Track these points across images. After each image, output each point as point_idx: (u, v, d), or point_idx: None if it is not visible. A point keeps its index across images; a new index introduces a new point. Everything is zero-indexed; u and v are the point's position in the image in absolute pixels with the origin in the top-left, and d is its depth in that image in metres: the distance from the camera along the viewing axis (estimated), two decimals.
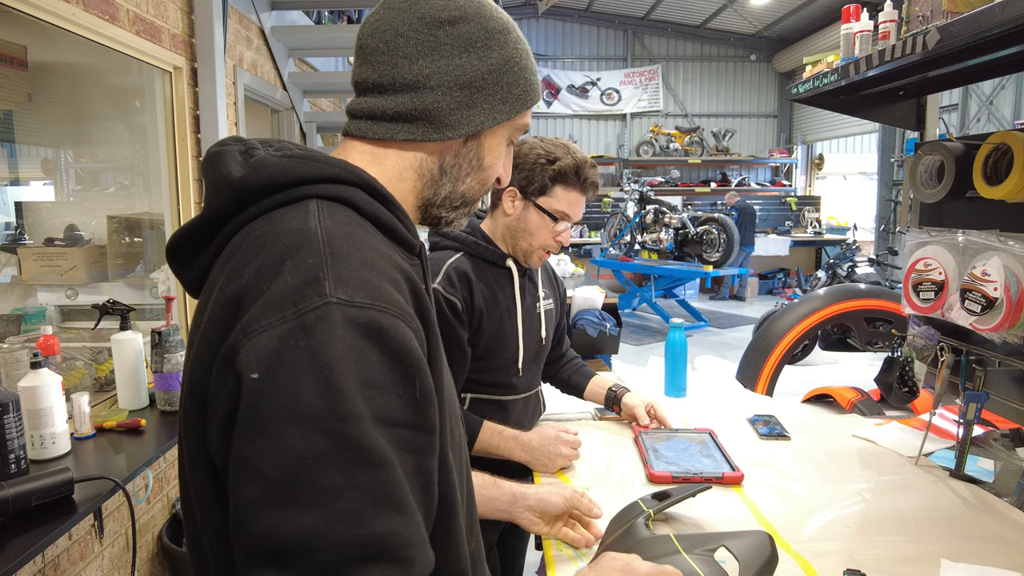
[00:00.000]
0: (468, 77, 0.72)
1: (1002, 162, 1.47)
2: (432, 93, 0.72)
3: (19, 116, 2.89)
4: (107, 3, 2.15)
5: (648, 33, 12.78)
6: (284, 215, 0.63)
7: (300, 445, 0.52)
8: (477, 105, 0.74)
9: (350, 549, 0.51)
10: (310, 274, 0.57)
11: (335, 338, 0.54)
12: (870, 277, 7.30)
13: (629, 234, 9.04)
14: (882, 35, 1.59)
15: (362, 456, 0.53)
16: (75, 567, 1.99)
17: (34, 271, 2.68)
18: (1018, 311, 1.42)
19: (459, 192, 0.78)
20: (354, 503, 0.52)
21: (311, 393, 0.53)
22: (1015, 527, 1.26)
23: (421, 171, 0.75)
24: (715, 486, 1.41)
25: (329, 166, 0.67)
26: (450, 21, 0.72)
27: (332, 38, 4.06)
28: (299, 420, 0.52)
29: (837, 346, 5.35)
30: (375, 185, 0.69)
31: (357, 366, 0.54)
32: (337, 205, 0.65)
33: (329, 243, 0.59)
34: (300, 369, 0.53)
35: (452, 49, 0.72)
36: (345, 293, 0.56)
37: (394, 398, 0.56)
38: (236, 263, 0.62)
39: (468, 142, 0.76)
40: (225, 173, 0.66)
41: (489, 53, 0.73)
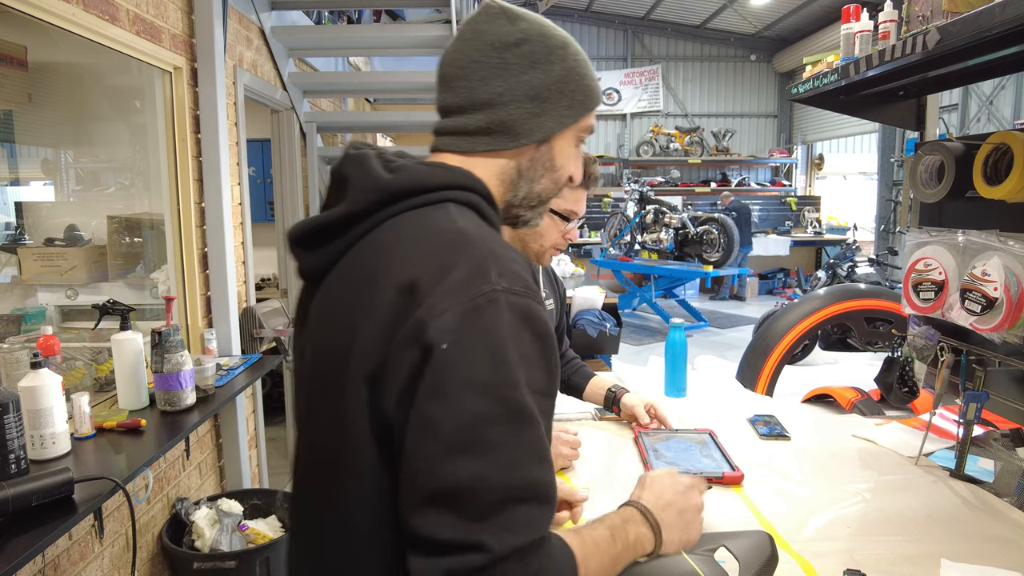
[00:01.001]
0: (535, 90, 0.82)
1: (1002, 162, 1.47)
2: (506, 108, 0.82)
3: (19, 116, 2.89)
4: (107, 3, 2.15)
5: (648, 33, 12.78)
6: (430, 215, 0.76)
7: (475, 407, 0.64)
8: (545, 113, 0.83)
9: (511, 491, 0.64)
10: (479, 266, 0.69)
11: (502, 319, 0.67)
12: (870, 277, 7.30)
13: (629, 234, 9.04)
14: (882, 35, 1.59)
15: (521, 416, 0.66)
16: (75, 567, 1.99)
17: (34, 271, 2.68)
18: (1018, 311, 1.42)
19: (535, 192, 0.87)
20: (515, 454, 0.65)
21: (485, 364, 0.65)
22: (1015, 527, 1.26)
23: (502, 176, 0.85)
24: (715, 486, 1.41)
25: (461, 175, 0.80)
26: (515, 43, 0.82)
27: (332, 38, 4.06)
28: (475, 386, 0.64)
29: (837, 346, 5.35)
30: (490, 194, 0.82)
31: (516, 343, 0.67)
32: (468, 210, 0.78)
33: (481, 241, 0.72)
34: (477, 343, 0.65)
35: (519, 67, 0.82)
36: (507, 282, 0.68)
37: (539, 370, 0.69)
38: (397, 254, 0.73)
39: (540, 147, 0.85)
40: (376, 174, 0.78)
41: (551, 67, 0.83)
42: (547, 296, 1.70)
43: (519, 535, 0.63)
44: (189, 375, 2.08)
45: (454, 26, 3.56)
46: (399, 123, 4.90)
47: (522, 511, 0.64)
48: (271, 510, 2.73)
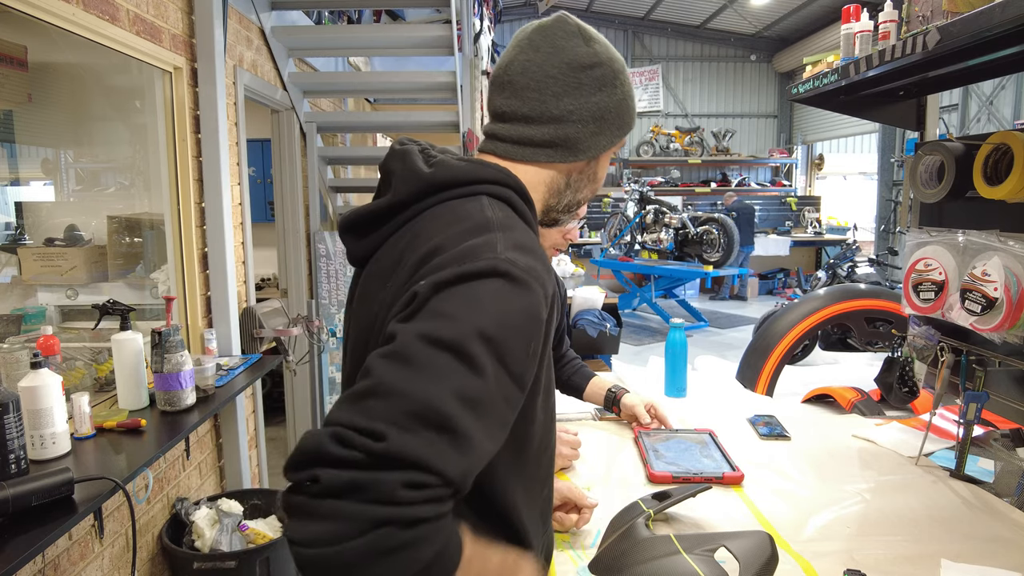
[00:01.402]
0: (601, 111, 0.89)
1: (1002, 162, 1.47)
2: (573, 126, 0.88)
3: (19, 116, 2.89)
4: (107, 3, 2.15)
5: (648, 33, 12.78)
6: (464, 205, 0.80)
7: (430, 328, 0.66)
8: (603, 132, 0.90)
9: (429, 413, 0.62)
10: (489, 241, 0.73)
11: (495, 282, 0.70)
12: (870, 277, 7.30)
13: (629, 234, 9.04)
14: (882, 35, 1.58)
15: (469, 360, 0.65)
16: (75, 567, 1.99)
17: (34, 271, 2.68)
18: (1018, 311, 1.42)
19: (577, 200, 0.95)
20: (447, 387, 0.63)
21: (459, 306, 0.67)
22: (1015, 527, 1.26)
23: (551, 185, 0.92)
24: (715, 486, 1.41)
25: (496, 171, 0.84)
26: (590, 66, 0.88)
27: (332, 38, 4.06)
28: (441, 316, 0.67)
29: (837, 346, 5.35)
30: (525, 190, 0.86)
31: (502, 307, 0.69)
32: (499, 202, 0.82)
33: (503, 229, 0.76)
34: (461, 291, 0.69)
35: (590, 89, 0.88)
36: (512, 255, 0.72)
37: (516, 347, 0.69)
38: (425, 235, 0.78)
39: (591, 162, 0.93)
40: (418, 168, 0.84)
41: (615, 91, 0.90)
42: None
43: (419, 451, 0.60)
44: (189, 375, 2.08)
45: (454, 26, 3.56)
46: (399, 123, 4.89)
47: (433, 438, 0.61)
48: (271, 510, 2.73)
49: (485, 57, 5.25)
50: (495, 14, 6.81)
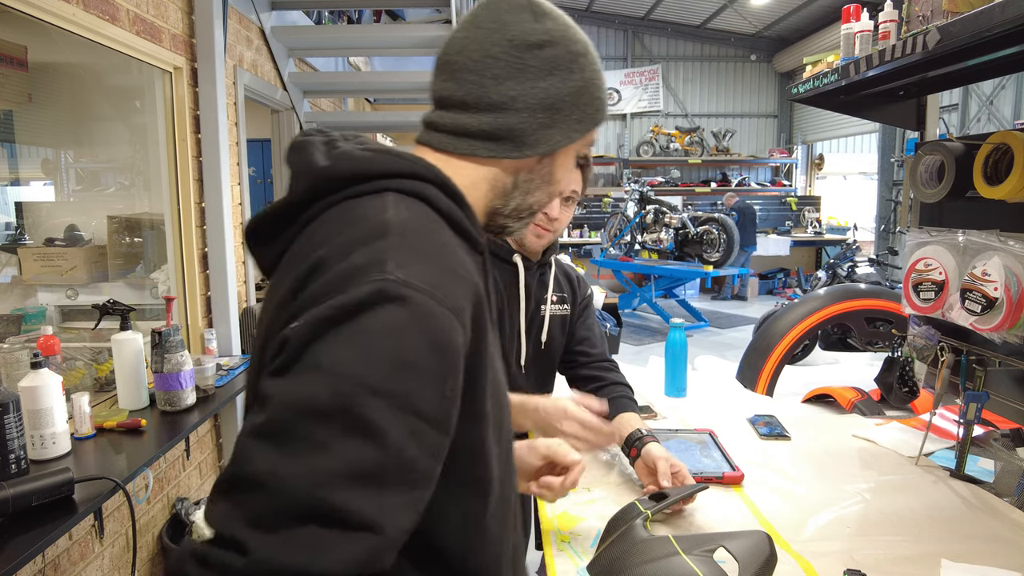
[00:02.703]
0: (551, 99, 0.75)
1: (1002, 162, 1.47)
2: (517, 114, 0.74)
3: (19, 116, 2.89)
4: (107, 3, 2.15)
5: (648, 33, 12.78)
6: (364, 204, 0.66)
7: (305, 392, 0.54)
8: (556, 125, 0.76)
9: (307, 506, 0.51)
10: (376, 257, 0.59)
11: (384, 312, 0.56)
12: (870, 277, 7.29)
13: (629, 234, 9.04)
14: (882, 35, 1.59)
15: (361, 427, 0.53)
16: (75, 567, 1.99)
17: (34, 271, 2.68)
18: (1018, 311, 1.42)
19: (527, 204, 0.81)
20: (330, 466, 0.52)
21: (341, 354, 0.55)
22: (1015, 527, 1.26)
23: (494, 184, 0.78)
24: (715, 486, 1.41)
25: (409, 162, 0.70)
26: (539, 45, 0.74)
27: (332, 38, 4.06)
28: (319, 373, 0.54)
29: (837, 346, 5.35)
30: (449, 183, 0.71)
31: (396, 344, 0.56)
32: (413, 199, 0.68)
33: (402, 233, 0.62)
34: (343, 332, 0.55)
35: (538, 72, 0.74)
36: (405, 275, 0.58)
37: (426, 387, 0.57)
38: (316, 241, 0.65)
39: (543, 159, 0.79)
40: (311, 161, 0.70)
41: (571, 76, 0.76)
42: (559, 300, 1.65)
43: (295, 557, 0.50)
44: (189, 375, 2.08)
45: (454, 26, 3.56)
46: (399, 123, 4.90)
47: (314, 534, 0.51)
48: None
49: None
50: None
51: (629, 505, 1.21)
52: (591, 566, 1.10)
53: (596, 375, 1.63)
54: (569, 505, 1.36)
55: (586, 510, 1.34)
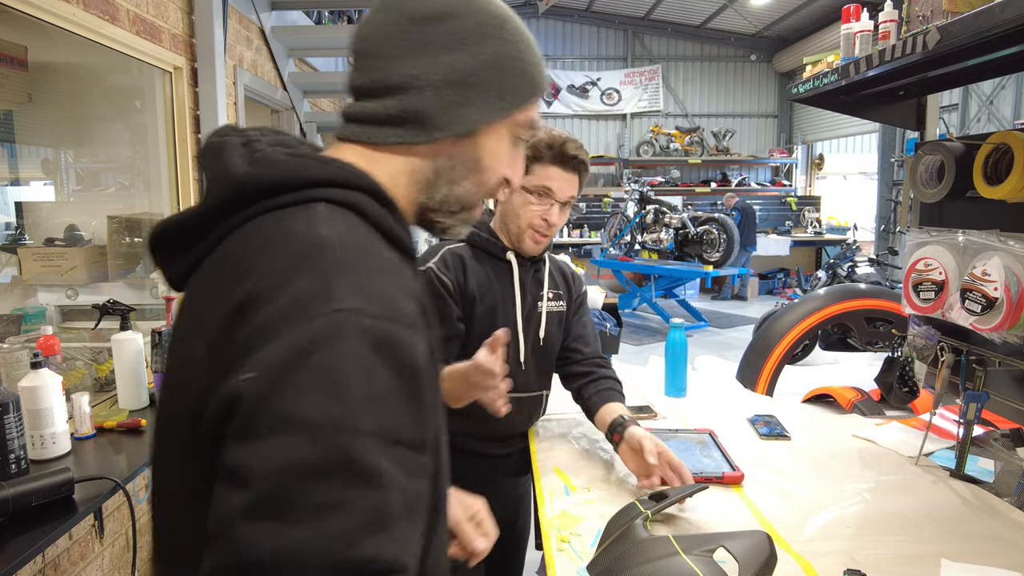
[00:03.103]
0: (459, 74, 0.69)
1: (1002, 162, 1.47)
2: (420, 94, 0.68)
3: (19, 116, 2.89)
4: (107, 3, 2.15)
5: (648, 33, 12.78)
6: (293, 216, 0.60)
7: (293, 454, 0.48)
8: (470, 103, 0.70)
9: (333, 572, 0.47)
10: (323, 282, 0.54)
11: (345, 348, 0.52)
12: (870, 277, 7.29)
13: (629, 234, 9.04)
14: (882, 35, 1.59)
15: (361, 474, 0.49)
16: (75, 567, 1.99)
17: (34, 271, 2.68)
18: (1018, 311, 1.43)
19: (455, 195, 0.74)
20: (345, 524, 0.48)
21: (314, 403, 0.50)
22: (1015, 527, 1.26)
23: (414, 175, 0.72)
24: (715, 486, 1.41)
25: (339, 169, 0.65)
26: (438, 17, 0.69)
27: (332, 38, 4.06)
28: (298, 429, 0.49)
29: (837, 346, 5.35)
30: (381, 191, 0.66)
31: (366, 378, 0.52)
32: (344, 210, 0.63)
33: (342, 251, 0.57)
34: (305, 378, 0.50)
35: (440, 46, 0.68)
36: (358, 302, 0.54)
37: (400, 414, 0.53)
38: (243, 265, 0.58)
39: (462, 142, 0.72)
40: (228, 167, 0.64)
41: (481, 47, 0.69)
42: (555, 297, 1.65)
43: None
44: None
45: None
46: None
47: None
48: None
49: None
50: None
51: (629, 505, 1.21)
52: (591, 566, 1.10)
53: (588, 371, 1.67)
54: (569, 505, 1.36)
55: (586, 510, 1.34)
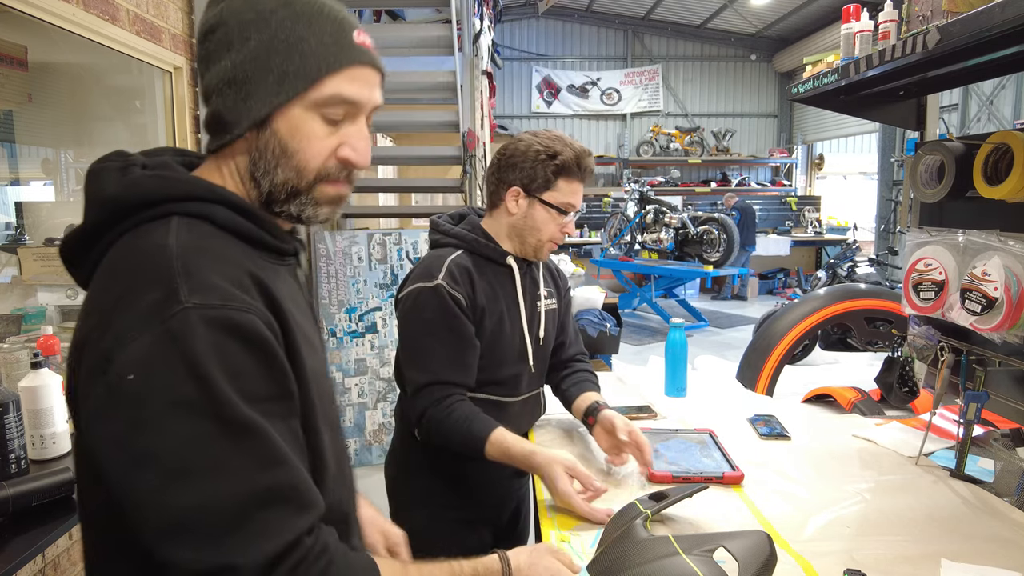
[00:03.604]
0: (232, 73, 0.75)
1: (1002, 162, 1.47)
2: (215, 100, 0.77)
3: (19, 116, 2.89)
4: (107, 3, 2.15)
5: (648, 33, 12.78)
6: (151, 230, 0.71)
7: (184, 429, 0.62)
8: (251, 96, 0.75)
9: (246, 502, 0.63)
10: (168, 285, 0.65)
11: (197, 337, 0.63)
12: (870, 277, 7.29)
13: (629, 234, 9.04)
14: (882, 35, 1.59)
15: (240, 429, 0.64)
16: (75, 567, 1.99)
17: (34, 271, 2.68)
18: (1018, 311, 1.42)
19: (279, 183, 0.78)
20: (241, 465, 0.64)
21: (187, 387, 0.62)
22: (1015, 527, 1.26)
23: (239, 173, 0.79)
24: (715, 486, 1.41)
25: (191, 185, 0.75)
26: (212, 29, 0.77)
27: None
28: (179, 408, 0.62)
29: (837, 346, 5.35)
30: (234, 200, 0.76)
31: (221, 358, 0.64)
32: (197, 221, 0.73)
33: (183, 256, 0.68)
34: (173, 368, 0.62)
35: (217, 54, 0.76)
36: (200, 298, 0.65)
37: (258, 379, 0.67)
38: (105, 276, 0.70)
39: (261, 134, 0.77)
40: (99, 190, 0.73)
41: (245, 43, 0.75)
42: (549, 295, 1.66)
43: (271, 541, 0.64)
44: None
45: (454, 26, 3.56)
46: (399, 123, 4.89)
47: (264, 517, 0.64)
48: None
49: (485, 57, 5.25)
50: (495, 14, 6.80)
51: (629, 505, 1.20)
52: (591, 566, 1.10)
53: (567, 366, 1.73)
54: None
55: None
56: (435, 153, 4.22)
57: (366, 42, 0.79)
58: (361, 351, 3.96)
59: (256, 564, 0.62)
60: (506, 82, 12.24)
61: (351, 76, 0.77)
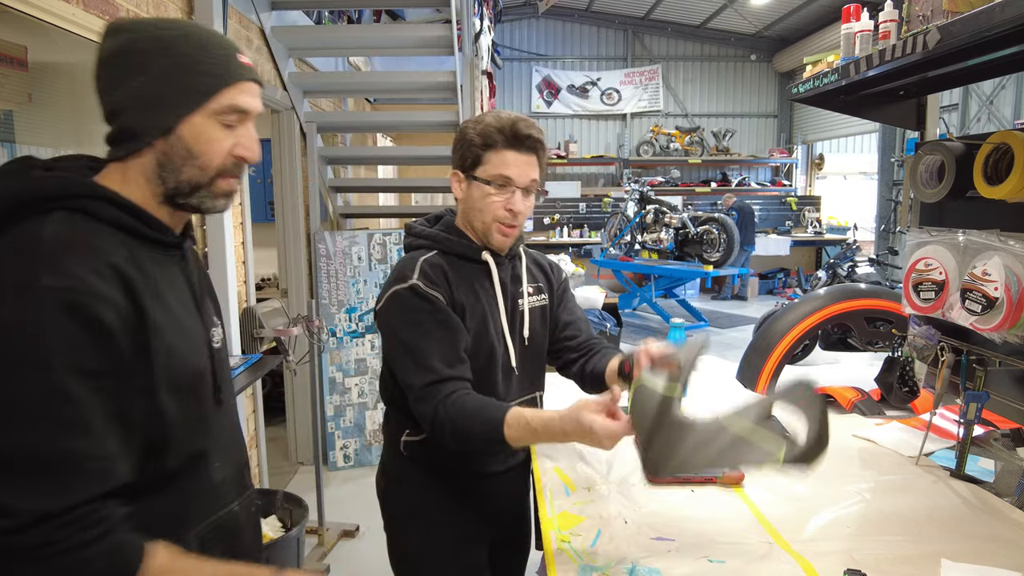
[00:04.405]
0: (141, 91, 0.90)
1: (1002, 162, 1.47)
2: (124, 115, 0.91)
3: (19, 116, 2.89)
4: (107, 3, 2.15)
5: (648, 33, 12.77)
6: (40, 221, 0.84)
7: (16, 388, 0.76)
8: (158, 109, 0.90)
9: (41, 456, 0.76)
10: (30, 269, 0.79)
11: (43, 315, 0.77)
12: (870, 277, 7.29)
13: (629, 234, 9.04)
14: (882, 35, 1.59)
15: (60, 394, 0.77)
16: None
17: None
18: (1018, 311, 1.43)
19: (184, 180, 0.93)
20: (50, 426, 0.76)
21: (20, 350, 0.77)
22: (1015, 527, 1.26)
23: (147, 174, 0.92)
24: (715, 486, 1.41)
25: (74, 184, 0.87)
26: (115, 55, 0.91)
27: (332, 38, 4.05)
28: (17, 372, 0.76)
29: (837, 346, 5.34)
30: (113, 197, 0.89)
31: (59, 334, 0.78)
32: (78, 215, 0.86)
33: (51, 244, 0.81)
34: (13, 337, 0.77)
35: (126, 77, 0.90)
36: (53, 280, 0.78)
37: (89, 351, 0.79)
38: None
39: (167, 140, 0.91)
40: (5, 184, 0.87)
41: (152, 67, 0.90)
42: (535, 291, 1.55)
43: (51, 497, 0.75)
44: None
45: (454, 26, 3.56)
46: (399, 123, 4.90)
47: (54, 475, 0.76)
48: (271, 510, 2.73)
49: (485, 57, 5.25)
50: (495, 14, 6.81)
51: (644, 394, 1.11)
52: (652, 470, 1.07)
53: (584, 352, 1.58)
54: (569, 505, 1.36)
55: (586, 510, 1.34)
56: (435, 153, 4.22)
57: (248, 62, 0.97)
58: (361, 351, 3.96)
59: (30, 512, 0.73)
60: (506, 82, 12.23)
61: (241, 89, 0.94)
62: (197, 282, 1.03)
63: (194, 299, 1.01)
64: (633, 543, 1.22)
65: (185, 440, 0.94)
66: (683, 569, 1.13)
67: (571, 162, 12.38)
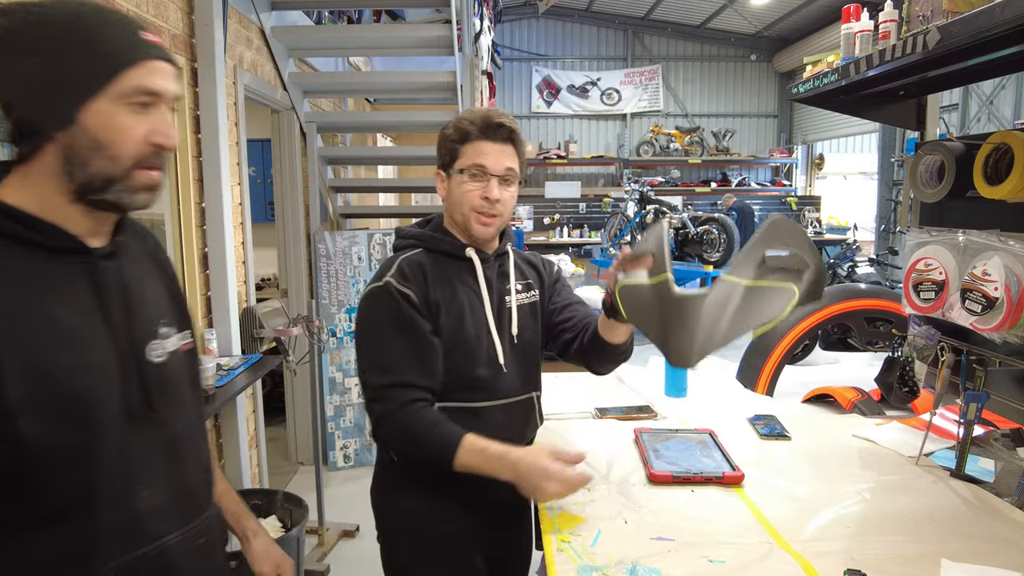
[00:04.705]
0: (29, 78, 0.79)
1: (1002, 162, 1.47)
2: (15, 108, 0.81)
3: None
4: (107, 3, 2.15)
5: (648, 33, 12.77)
6: None
7: None
8: (54, 97, 0.80)
9: None
10: None
11: None
12: (870, 277, 7.29)
13: (629, 234, 9.03)
14: (882, 35, 1.59)
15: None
16: None
17: None
18: (1018, 311, 1.43)
19: (94, 173, 0.83)
20: None
21: None
22: (1015, 527, 1.26)
23: (52, 172, 0.83)
24: (715, 486, 1.41)
25: None
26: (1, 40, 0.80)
27: (332, 38, 4.05)
28: None
29: (837, 346, 5.35)
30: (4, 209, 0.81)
31: None
32: None
33: None
34: None
35: (7, 62, 0.79)
36: None
37: None
38: None
39: (69, 131, 0.81)
40: None
41: (39, 52, 0.79)
42: (525, 288, 1.53)
43: None
44: None
45: (454, 26, 3.56)
46: (399, 123, 4.90)
47: None
48: (271, 510, 2.73)
49: (485, 57, 5.25)
50: (495, 14, 6.81)
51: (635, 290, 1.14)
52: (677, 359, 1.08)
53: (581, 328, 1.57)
54: (569, 505, 1.36)
55: (586, 510, 1.34)
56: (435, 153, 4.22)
57: (155, 40, 0.86)
58: None
59: None
60: (506, 82, 12.23)
61: (148, 69, 0.84)
62: (118, 292, 0.89)
63: (102, 311, 0.87)
64: (633, 543, 1.22)
65: (69, 468, 0.82)
66: (683, 569, 1.13)
67: (571, 162, 12.38)
